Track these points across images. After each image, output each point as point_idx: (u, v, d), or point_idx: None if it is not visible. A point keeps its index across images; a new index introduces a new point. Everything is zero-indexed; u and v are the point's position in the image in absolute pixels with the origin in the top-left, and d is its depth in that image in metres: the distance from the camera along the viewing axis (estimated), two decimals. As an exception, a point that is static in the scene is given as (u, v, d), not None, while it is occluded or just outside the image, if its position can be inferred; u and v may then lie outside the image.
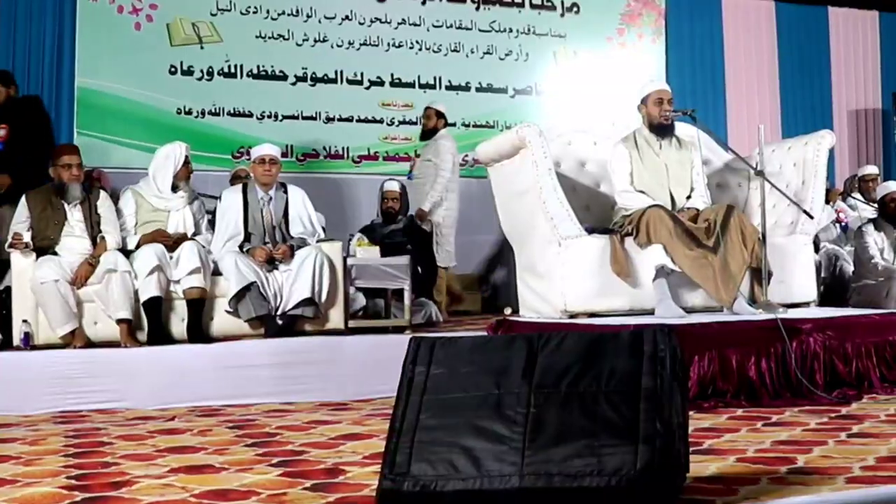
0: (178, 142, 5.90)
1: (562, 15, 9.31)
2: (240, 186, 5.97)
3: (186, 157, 5.81)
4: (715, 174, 5.96)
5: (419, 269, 6.73)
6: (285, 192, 5.94)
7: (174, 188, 5.75)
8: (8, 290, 5.37)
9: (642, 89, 5.37)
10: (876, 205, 7.07)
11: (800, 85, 10.17)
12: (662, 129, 5.28)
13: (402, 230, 6.86)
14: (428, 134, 7.56)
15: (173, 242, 5.52)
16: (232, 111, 8.18)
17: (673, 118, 5.31)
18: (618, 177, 5.27)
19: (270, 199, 5.87)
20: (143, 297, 5.29)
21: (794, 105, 10.13)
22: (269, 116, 8.29)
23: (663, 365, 2.24)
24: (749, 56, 10.05)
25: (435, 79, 8.83)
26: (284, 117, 8.34)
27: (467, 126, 8.90)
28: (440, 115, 7.60)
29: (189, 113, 8.05)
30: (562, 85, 9.24)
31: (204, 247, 5.59)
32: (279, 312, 5.55)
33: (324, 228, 6.15)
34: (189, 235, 5.68)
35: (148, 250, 5.37)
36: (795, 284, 5.33)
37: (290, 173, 7.51)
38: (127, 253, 5.44)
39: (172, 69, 8.02)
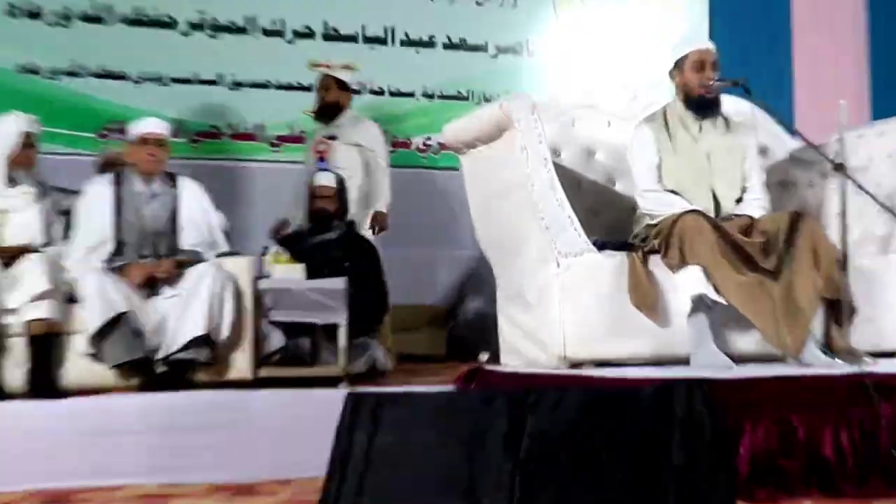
0: (18, 113, 5.86)
1: (565, -55, 9.43)
2: (109, 177, 5.95)
3: (30, 134, 5.76)
4: (777, 168, 5.99)
5: (362, 296, 6.70)
6: (174, 185, 5.92)
7: (12, 180, 5.71)
8: None
9: (677, 50, 5.40)
10: None
11: (896, 50, 10.30)
12: (704, 105, 5.30)
13: (338, 241, 6.85)
14: (328, 111, 7.63)
15: (10, 257, 5.50)
16: (99, 70, 8.18)
17: (719, 90, 5.34)
18: (640, 171, 5.28)
19: (153, 194, 5.85)
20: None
21: (887, 76, 10.24)
22: (152, 79, 8.30)
23: (701, 434, 2.23)
24: (826, 10, 10.14)
25: (386, 30, 8.88)
26: (173, 80, 8.36)
27: (430, 97, 8.94)
28: (343, 86, 7.68)
29: (35, 72, 8.03)
30: (564, 43, 9.31)
31: (56, 262, 5.55)
32: (161, 356, 5.54)
33: (227, 237, 6.13)
34: (34, 246, 5.65)
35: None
36: (889, 324, 5.36)
37: (180, 159, 7.47)
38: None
39: (12, 9, 7.99)
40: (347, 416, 2.47)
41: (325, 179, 7.00)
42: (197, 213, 5.91)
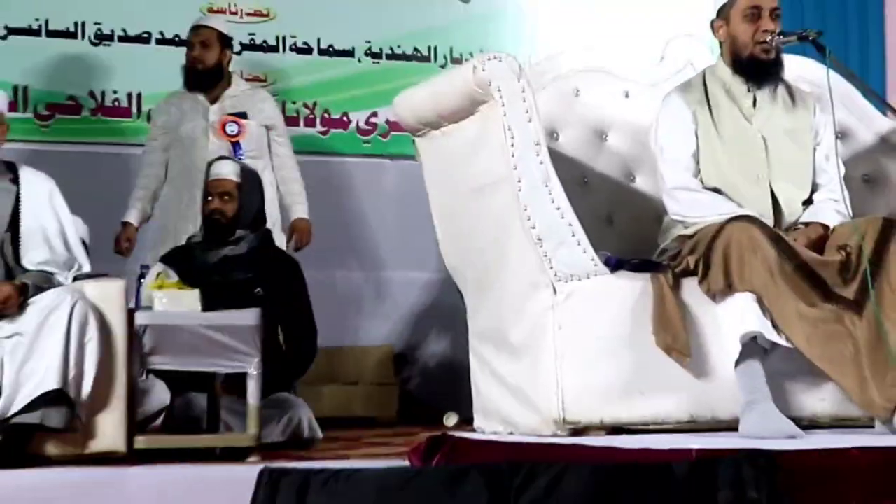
0: None
1: None
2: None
3: None
4: (861, 158, 6.04)
5: (280, 334, 6.70)
6: (15, 181, 5.90)
7: None
8: None
9: (722, -7, 5.45)
10: None
11: None
12: (759, 70, 5.34)
13: (247, 257, 6.84)
14: (202, 78, 7.76)
15: None
16: None
17: (780, 48, 5.37)
18: (670, 161, 5.31)
19: (-17, 194, 5.83)
20: None
21: None
22: (-19, 28, 8.31)
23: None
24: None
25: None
26: (10, 31, 8.39)
27: (376, 56, 9.01)
28: (226, 41, 7.83)
29: None
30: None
31: None
32: (-4, 420, 5.51)
33: (88, 252, 6.11)
34: None
35: None
36: None
37: (22, 142, 7.50)
38: None
39: None
40: (261, 502, 2.48)
41: (226, 169, 6.98)
42: (47, 220, 5.86)
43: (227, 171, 6.94)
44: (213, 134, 7.59)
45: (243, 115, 7.54)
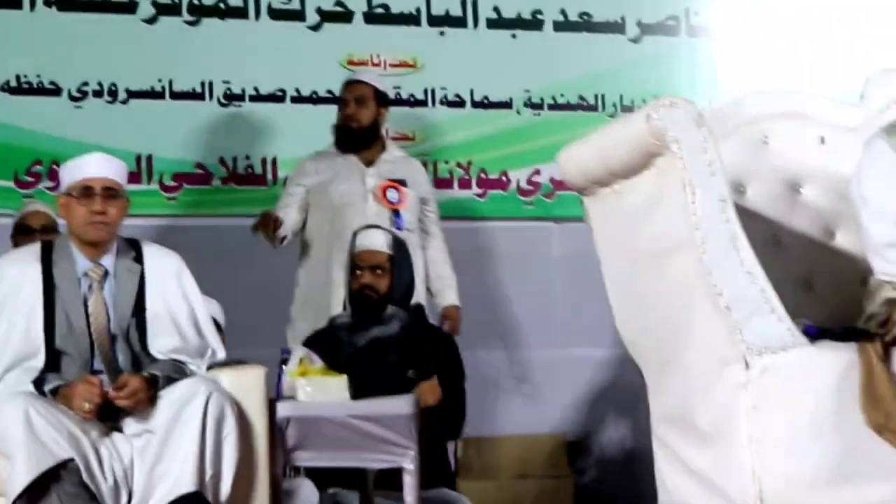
0: None
1: None
2: (34, 250, 6.02)
3: None
4: None
5: (448, 425, 6.72)
6: (139, 260, 5.98)
7: None
8: None
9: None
10: None
11: None
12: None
13: (397, 339, 6.87)
14: (358, 138, 7.84)
15: None
16: (13, 83, 8.32)
17: None
18: (878, 214, 5.25)
19: (106, 275, 5.91)
20: None
21: None
22: (99, 93, 8.44)
23: None
24: None
25: (464, 4, 8.97)
26: (131, 94, 8.48)
27: (536, 107, 9.02)
28: (383, 98, 7.90)
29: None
30: (746, 15, 9.35)
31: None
32: (126, 527, 5.56)
33: (223, 337, 6.17)
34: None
35: None
36: None
37: (146, 217, 7.59)
38: None
39: None
40: None
41: (374, 240, 7.02)
42: (175, 302, 5.93)
43: (380, 242, 7.01)
44: (373, 199, 7.65)
45: (402, 183, 7.62)
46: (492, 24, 8.93)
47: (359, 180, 7.74)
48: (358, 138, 7.81)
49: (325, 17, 8.66)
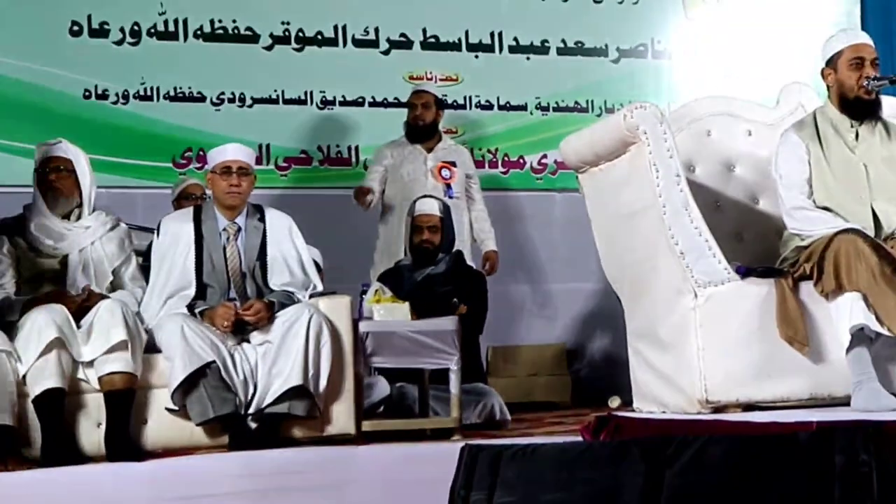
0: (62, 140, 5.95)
1: (692, -69, 9.40)
2: (188, 212, 6.05)
3: (53, 159, 5.82)
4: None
5: (477, 337, 6.73)
6: (262, 219, 6.00)
7: (66, 212, 5.82)
8: None
9: (829, 45, 5.35)
10: None
11: None
12: (862, 109, 5.25)
13: (443, 276, 6.87)
14: (422, 132, 7.83)
15: (81, 304, 5.54)
16: (172, 93, 8.25)
17: (880, 90, 5.29)
18: (788, 186, 5.23)
19: (239, 230, 5.93)
20: (33, 392, 5.31)
21: None
22: (233, 100, 8.37)
23: (867, 490, 2.19)
24: None
25: (493, 35, 8.90)
26: (255, 101, 8.41)
27: (544, 109, 8.94)
28: (441, 103, 7.96)
29: (103, 97, 8.10)
30: (694, 42, 9.30)
31: (132, 309, 5.64)
32: (252, 410, 5.59)
33: (321, 275, 6.18)
34: (105, 292, 5.71)
35: (40, 318, 5.35)
36: None
37: (266, 189, 7.60)
38: (4, 325, 5.45)
39: (76, 27, 8.07)
40: (463, 473, 2.47)
41: (429, 207, 7.03)
42: (288, 250, 5.95)
43: (434, 208, 7.04)
44: (432, 177, 7.68)
45: (453, 164, 7.66)
46: (512, 49, 8.85)
47: (422, 162, 7.72)
48: (423, 132, 7.79)
49: (393, 44, 8.59)
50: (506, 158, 8.84)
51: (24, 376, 5.31)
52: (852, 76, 5.23)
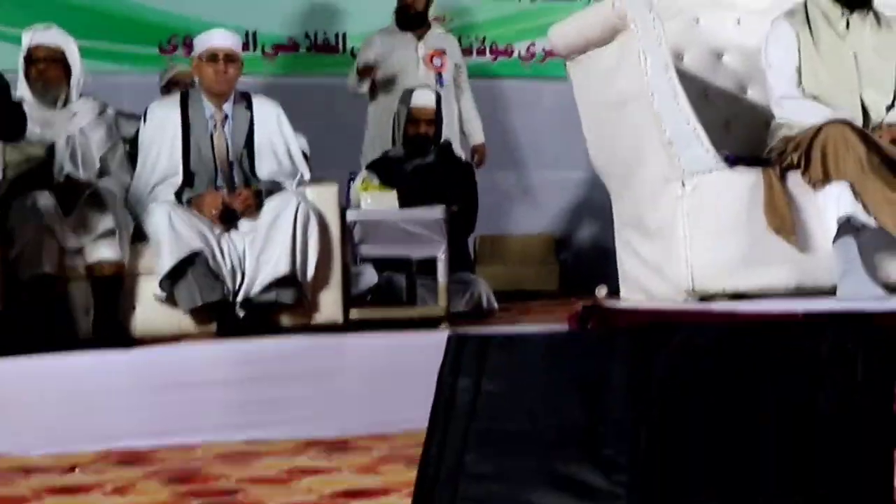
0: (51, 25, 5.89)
1: None
2: (175, 99, 6.01)
3: (40, 47, 5.77)
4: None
5: (465, 226, 6.74)
6: (249, 107, 5.96)
7: (53, 100, 5.76)
8: None
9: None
10: None
11: None
12: (853, -2, 5.24)
13: (431, 166, 6.86)
14: (414, 19, 7.77)
15: (67, 190, 5.54)
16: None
17: (870, -20, 5.27)
18: (777, 74, 5.22)
19: (226, 117, 5.89)
20: (21, 277, 5.33)
21: None
22: (219, -16, 8.33)
23: (852, 377, 2.21)
24: None
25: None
26: (242, -16, 8.37)
27: (533, -3, 8.90)
28: None
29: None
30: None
31: (120, 196, 5.63)
32: (240, 298, 5.61)
33: (308, 163, 6.17)
34: (92, 179, 5.70)
35: (25, 204, 5.36)
36: None
37: (253, 76, 7.54)
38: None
39: None
40: (450, 361, 2.47)
41: (427, 99, 7.00)
42: (276, 138, 5.92)
43: (431, 101, 7.02)
44: (423, 65, 7.64)
45: (443, 52, 7.63)
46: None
47: (413, 50, 7.68)
48: (414, 19, 7.74)
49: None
50: (494, 46, 8.82)
51: (13, 260, 5.34)
52: (845, -36, 5.21)
